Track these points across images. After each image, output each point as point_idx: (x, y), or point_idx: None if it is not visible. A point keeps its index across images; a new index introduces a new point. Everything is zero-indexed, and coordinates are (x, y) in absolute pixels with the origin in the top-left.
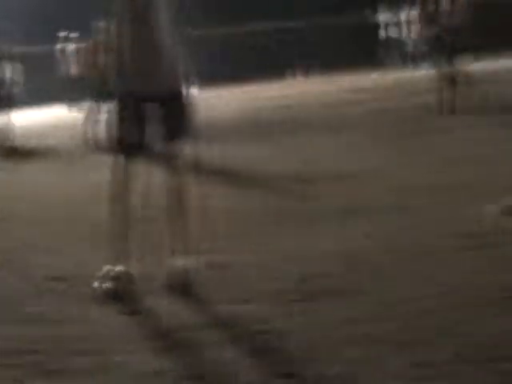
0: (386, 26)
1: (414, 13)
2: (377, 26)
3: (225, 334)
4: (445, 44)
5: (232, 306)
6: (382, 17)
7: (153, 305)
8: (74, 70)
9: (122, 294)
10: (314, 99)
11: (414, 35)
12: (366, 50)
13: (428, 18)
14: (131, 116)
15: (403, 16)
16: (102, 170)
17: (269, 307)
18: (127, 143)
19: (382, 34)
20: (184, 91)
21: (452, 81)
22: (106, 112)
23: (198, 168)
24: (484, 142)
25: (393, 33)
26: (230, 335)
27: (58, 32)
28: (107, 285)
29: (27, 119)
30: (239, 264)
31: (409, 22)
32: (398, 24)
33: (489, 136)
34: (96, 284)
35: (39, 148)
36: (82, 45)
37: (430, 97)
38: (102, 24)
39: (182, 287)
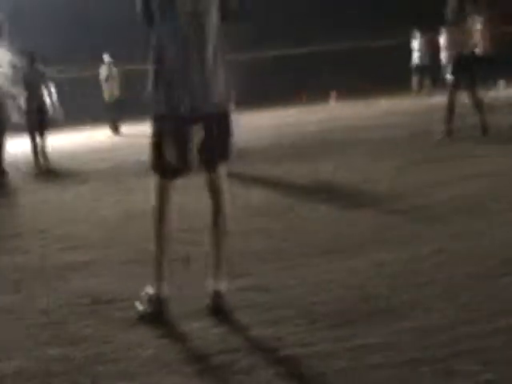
0: (419, 51)
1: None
2: (410, 51)
3: (260, 357)
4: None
5: (268, 328)
6: (415, 42)
7: (186, 328)
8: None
9: (156, 318)
10: (346, 123)
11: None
12: (399, 74)
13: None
14: (173, 137)
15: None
16: (139, 192)
17: (309, 331)
18: (168, 165)
19: (414, 59)
20: (228, 111)
21: (478, 106)
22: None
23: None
24: None
25: (424, 58)
26: (265, 359)
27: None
28: (144, 308)
29: (65, 141)
30: (276, 285)
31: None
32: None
33: None
34: (137, 305)
35: (75, 170)
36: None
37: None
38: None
39: (216, 310)
